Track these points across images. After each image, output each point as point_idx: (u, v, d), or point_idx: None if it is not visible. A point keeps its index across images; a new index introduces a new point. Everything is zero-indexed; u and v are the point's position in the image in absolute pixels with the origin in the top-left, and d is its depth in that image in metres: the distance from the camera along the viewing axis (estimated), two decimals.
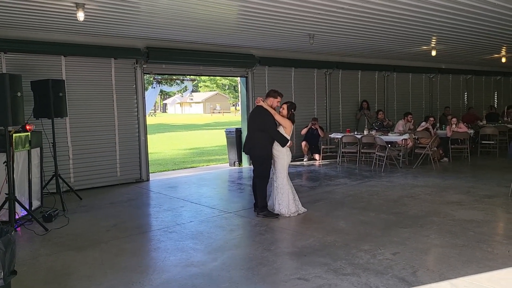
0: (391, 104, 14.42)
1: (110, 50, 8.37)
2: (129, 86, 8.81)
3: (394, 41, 9.85)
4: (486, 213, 5.97)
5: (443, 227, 5.37)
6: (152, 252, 4.96)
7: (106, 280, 4.06)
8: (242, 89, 11.13)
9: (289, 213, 6.06)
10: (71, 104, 7.93)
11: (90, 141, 8.32)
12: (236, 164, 10.95)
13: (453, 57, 13.72)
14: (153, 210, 6.96)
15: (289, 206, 6.08)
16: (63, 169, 7.81)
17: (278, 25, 7.65)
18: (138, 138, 8.98)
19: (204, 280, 4.00)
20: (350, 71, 12.99)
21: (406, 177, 8.82)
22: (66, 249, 4.96)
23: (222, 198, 7.67)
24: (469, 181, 8.18)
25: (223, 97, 62.55)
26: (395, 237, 5.06)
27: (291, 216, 6.03)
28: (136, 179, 8.95)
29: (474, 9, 6.83)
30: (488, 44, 10.88)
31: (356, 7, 6.48)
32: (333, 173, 9.61)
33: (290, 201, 6.08)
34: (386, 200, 6.94)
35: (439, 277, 3.89)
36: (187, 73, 11.82)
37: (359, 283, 3.82)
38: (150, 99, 14.85)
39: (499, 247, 4.63)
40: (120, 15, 6.62)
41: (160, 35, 8.35)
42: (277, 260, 4.49)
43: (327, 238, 5.07)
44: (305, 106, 11.86)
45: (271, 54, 10.89)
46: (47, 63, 7.80)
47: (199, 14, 6.67)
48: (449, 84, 16.66)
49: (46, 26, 7.18)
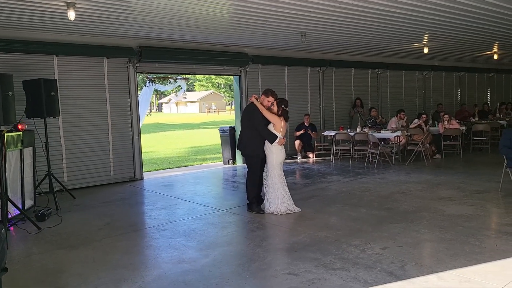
0: (384, 101, 14.50)
1: (103, 49, 8.38)
2: (122, 85, 8.83)
3: (386, 38, 9.90)
4: (475, 208, 6.04)
5: (433, 222, 5.44)
6: (144, 249, 5.00)
7: (98, 277, 4.09)
8: (235, 87, 11.16)
9: (278, 212, 6.00)
10: (64, 104, 7.94)
11: (83, 140, 8.33)
12: (230, 163, 10.98)
13: (446, 55, 13.80)
14: (146, 208, 6.99)
15: (278, 205, 6.02)
16: (57, 169, 7.82)
17: (270, 23, 7.68)
18: (131, 137, 8.99)
19: (195, 276, 4.04)
20: (343, 69, 13.04)
21: (398, 174, 8.89)
22: (58, 248, 4.98)
23: (216, 196, 7.70)
24: (461, 177, 8.26)
25: (218, 96, 62.44)
26: (386, 232, 5.12)
27: (281, 214, 6.00)
28: (130, 178, 8.97)
29: (465, 6, 6.88)
30: (479, 41, 10.95)
31: (347, 5, 6.52)
32: (326, 170, 9.67)
33: (280, 200, 6.02)
34: (378, 196, 7.00)
35: (427, 271, 3.95)
36: (181, 72, 11.83)
37: (348, 277, 3.88)
38: (146, 99, 14.86)
39: (487, 241, 4.69)
40: (112, 14, 6.63)
41: (153, 34, 8.35)
42: (268, 256, 4.54)
43: (318, 234, 5.12)
44: (298, 104, 11.93)
45: (264, 53, 10.92)
46: (39, 62, 7.80)
47: (192, 12, 6.68)
48: (442, 81, 16.75)
49: (38, 25, 7.18)
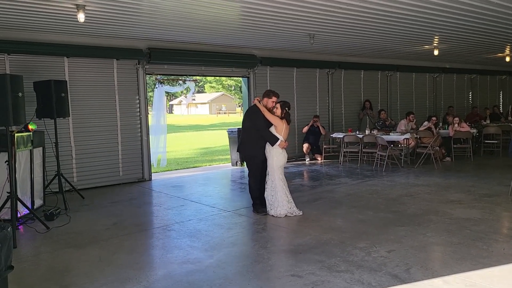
0: (394, 103, 14.39)
1: (112, 51, 8.47)
2: (131, 87, 8.90)
3: (395, 40, 9.84)
4: (484, 211, 5.97)
5: (440, 226, 5.38)
6: (150, 249, 5.04)
7: (104, 276, 4.13)
8: (244, 89, 11.17)
9: (278, 215, 5.94)
10: (74, 105, 8.04)
11: (92, 141, 8.42)
12: (238, 164, 10.99)
13: (457, 57, 13.66)
14: (153, 208, 7.04)
15: (278, 208, 5.96)
16: (66, 169, 7.92)
17: (278, 25, 7.69)
18: (140, 138, 9.07)
19: (199, 276, 4.06)
20: (352, 70, 12.98)
21: (407, 177, 8.82)
22: (66, 247, 5.04)
23: (223, 197, 7.72)
24: (470, 180, 8.16)
25: (229, 97, 62.57)
26: (392, 235, 5.08)
27: (281, 217, 5.91)
28: (139, 179, 9.04)
29: (476, 8, 6.81)
30: (491, 43, 10.82)
31: (355, 6, 6.50)
32: (334, 173, 9.63)
33: (280, 203, 5.96)
34: (385, 199, 6.95)
35: (432, 274, 3.91)
36: (189, 74, 11.88)
37: (352, 280, 3.86)
38: (160, 100, 14.89)
39: (495, 245, 4.63)
40: (121, 16, 6.71)
41: (161, 35, 8.43)
42: (272, 257, 4.54)
43: (323, 236, 5.10)
44: (307, 106, 11.92)
45: (273, 54, 10.92)
46: (50, 64, 7.91)
47: (201, 14, 6.73)
48: (453, 83, 16.58)
49: (49, 27, 7.28)
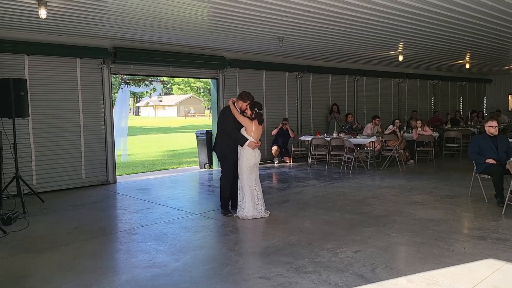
0: (360, 107, 14.71)
1: (76, 50, 8.19)
2: (95, 87, 8.64)
3: (362, 45, 10.06)
4: (446, 212, 6.15)
5: (404, 226, 5.50)
6: (113, 254, 4.88)
7: (64, 282, 3.96)
8: (213, 91, 11.10)
9: (244, 217, 5.91)
10: (35, 104, 7.74)
11: (54, 142, 8.10)
12: (206, 167, 10.89)
13: (420, 63, 14.14)
14: (117, 212, 6.84)
15: (244, 210, 5.93)
16: (25, 171, 7.58)
17: (247, 27, 7.69)
18: (104, 140, 8.81)
19: (164, 280, 3.96)
20: (320, 74, 13.17)
21: (373, 179, 9.00)
22: (24, 252, 4.81)
23: (190, 200, 7.60)
24: (432, 182, 8.42)
25: (197, 100, 62.17)
26: (358, 236, 5.15)
27: (247, 219, 5.88)
28: (102, 182, 8.77)
29: (439, 15, 7.06)
30: (452, 50, 11.27)
31: (323, 11, 6.59)
32: (303, 175, 9.70)
33: (247, 205, 5.93)
34: (352, 200, 7.05)
35: (397, 274, 3.98)
36: (157, 74, 11.66)
37: (319, 281, 3.87)
38: (124, 101, 14.54)
39: (456, 245, 4.77)
40: (86, 14, 6.49)
41: (128, 35, 8.23)
42: (240, 259, 4.49)
43: (291, 238, 5.11)
44: (276, 108, 11.98)
45: (242, 57, 10.91)
46: (9, 62, 7.56)
47: (169, 14, 6.62)
48: (416, 88, 17.13)
49: (8, 24, 6.96)
